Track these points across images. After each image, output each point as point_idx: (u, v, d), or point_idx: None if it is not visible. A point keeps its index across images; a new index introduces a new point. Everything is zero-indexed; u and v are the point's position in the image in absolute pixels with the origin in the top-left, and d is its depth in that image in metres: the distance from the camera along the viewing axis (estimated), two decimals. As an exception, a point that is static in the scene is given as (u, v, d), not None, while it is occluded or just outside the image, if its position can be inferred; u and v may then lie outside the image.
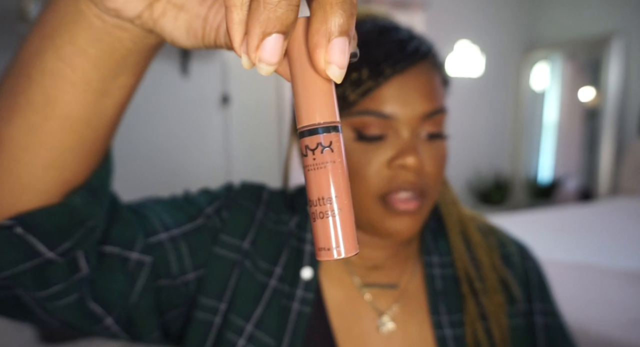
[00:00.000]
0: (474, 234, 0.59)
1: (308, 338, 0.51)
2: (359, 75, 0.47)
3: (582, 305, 1.44)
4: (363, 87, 0.47)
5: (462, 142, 3.77)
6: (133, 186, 2.71)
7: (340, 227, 0.20)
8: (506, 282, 0.58)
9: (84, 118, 0.32)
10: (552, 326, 0.58)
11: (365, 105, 0.47)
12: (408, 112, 0.47)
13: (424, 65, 0.49)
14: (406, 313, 0.55)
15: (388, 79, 0.47)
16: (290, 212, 0.57)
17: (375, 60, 0.47)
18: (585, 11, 3.56)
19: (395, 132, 0.48)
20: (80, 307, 0.39)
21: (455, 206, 0.61)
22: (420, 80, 0.48)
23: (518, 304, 0.57)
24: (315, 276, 0.53)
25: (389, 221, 0.48)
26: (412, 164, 0.46)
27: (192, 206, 0.52)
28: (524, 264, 0.61)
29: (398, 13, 3.23)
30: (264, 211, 0.56)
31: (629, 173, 3.12)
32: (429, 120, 0.48)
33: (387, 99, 0.47)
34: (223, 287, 0.51)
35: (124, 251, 0.42)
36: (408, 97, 0.47)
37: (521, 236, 0.73)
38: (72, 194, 0.34)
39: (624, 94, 3.33)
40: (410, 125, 0.47)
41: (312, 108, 0.20)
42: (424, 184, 0.48)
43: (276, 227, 0.56)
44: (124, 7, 0.26)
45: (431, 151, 0.49)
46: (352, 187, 0.49)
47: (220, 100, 2.91)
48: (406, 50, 0.48)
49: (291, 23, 0.19)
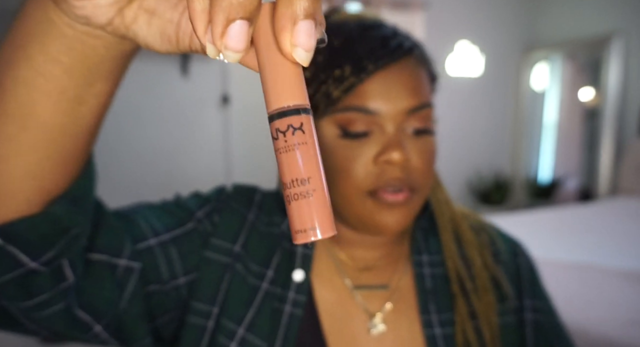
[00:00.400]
0: (466, 232, 0.59)
1: (299, 341, 0.51)
2: (342, 72, 0.47)
3: (582, 305, 1.44)
4: (346, 84, 0.47)
5: (462, 142, 3.77)
6: (133, 185, 2.72)
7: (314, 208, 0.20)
8: (497, 280, 0.58)
9: (61, 127, 0.31)
10: (543, 323, 0.58)
11: (349, 101, 0.47)
12: (392, 107, 0.47)
13: (408, 61, 0.49)
14: (397, 313, 0.55)
15: (371, 75, 0.47)
16: (282, 214, 0.57)
17: (358, 57, 0.47)
18: (585, 11, 3.56)
19: (380, 128, 0.48)
20: (67, 316, 0.39)
21: (447, 205, 0.61)
22: (404, 75, 0.48)
23: (509, 302, 0.57)
24: (306, 278, 0.53)
25: (378, 214, 0.48)
26: (398, 159, 0.46)
27: (183, 210, 0.52)
28: (516, 260, 0.61)
29: (398, 13, 3.23)
30: (255, 213, 0.56)
31: (629, 173, 3.12)
32: (415, 116, 0.48)
33: (370, 95, 0.47)
34: (215, 291, 0.51)
35: (111, 258, 0.42)
36: (392, 93, 0.47)
37: (521, 236, 0.73)
38: (54, 203, 0.34)
39: (624, 94, 3.33)
40: (395, 120, 0.48)
41: (281, 92, 0.20)
42: (411, 179, 0.48)
43: (268, 230, 0.56)
44: (94, 14, 0.25)
45: (418, 146, 0.49)
46: (340, 184, 0.49)
47: (220, 101, 2.91)
48: (389, 47, 0.48)
49: (254, 9, 0.19)
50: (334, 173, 0.50)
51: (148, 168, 2.77)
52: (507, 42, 3.87)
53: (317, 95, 0.49)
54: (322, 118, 0.50)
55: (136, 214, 0.49)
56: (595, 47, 3.49)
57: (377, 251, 0.57)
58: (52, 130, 0.31)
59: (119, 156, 2.69)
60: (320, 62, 0.50)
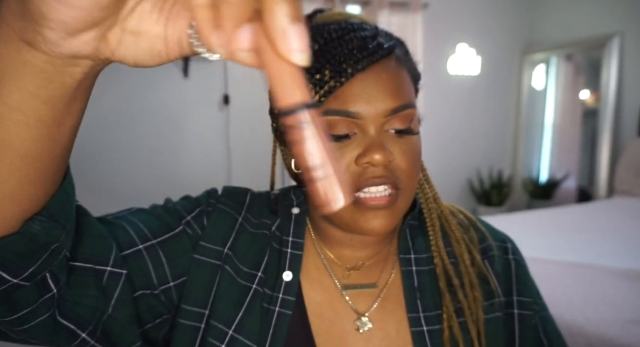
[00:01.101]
0: (455, 230, 0.59)
1: (288, 341, 0.51)
2: (321, 76, 0.47)
3: (580, 304, 1.45)
4: (326, 88, 0.47)
5: (462, 142, 3.78)
6: (134, 185, 2.72)
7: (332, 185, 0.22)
8: (485, 277, 0.58)
9: (40, 152, 0.30)
10: (532, 318, 0.58)
11: (330, 105, 0.48)
12: (373, 109, 0.47)
13: (388, 62, 0.49)
14: (385, 312, 0.55)
15: (350, 78, 0.47)
16: (272, 216, 0.58)
17: (337, 60, 0.47)
18: (583, 14, 3.57)
19: (361, 130, 0.48)
20: (52, 325, 0.39)
21: (435, 202, 0.61)
22: (384, 77, 0.48)
23: (497, 298, 0.58)
24: (295, 279, 0.53)
25: (361, 218, 0.49)
26: (379, 161, 0.46)
27: (171, 215, 0.53)
28: (506, 257, 0.61)
29: (397, 15, 3.24)
30: (245, 215, 0.57)
31: (627, 173, 3.13)
32: (396, 117, 0.48)
33: (350, 97, 0.47)
34: (205, 294, 0.51)
35: (95, 266, 0.42)
36: (372, 95, 0.47)
37: (520, 236, 0.74)
38: (31, 221, 0.33)
39: (621, 95, 3.34)
40: (375, 122, 0.48)
41: (288, 90, 0.22)
42: (395, 178, 0.49)
43: (258, 231, 0.56)
44: (80, 48, 0.24)
45: (401, 147, 0.49)
46: None
47: (220, 102, 2.92)
48: (368, 48, 0.48)
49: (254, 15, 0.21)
50: None
51: (149, 167, 2.78)
52: (506, 43, 3.88)
53: None
54: None
55: (123, 220, 0.49)
56: (593, 49, 3.51)
57: (366, 250, 0.57)
58: (31, 155, 0.30)
59: (120, 156, 2.70)
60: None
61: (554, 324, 0.60)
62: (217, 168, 2.96)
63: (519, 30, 3.93)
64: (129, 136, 2.70)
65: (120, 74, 2.62)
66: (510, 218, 2.62)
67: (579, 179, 3.94)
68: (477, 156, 3.91)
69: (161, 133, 2.79)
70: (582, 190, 3.90)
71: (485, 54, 3.75)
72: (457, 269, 0.57)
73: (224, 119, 2.94)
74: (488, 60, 3.78)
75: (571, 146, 3.94)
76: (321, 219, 0.57)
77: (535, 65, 3.96)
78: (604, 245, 2.05)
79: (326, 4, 3.05)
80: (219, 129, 2.94)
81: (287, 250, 0.55)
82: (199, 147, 2.90)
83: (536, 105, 4.03)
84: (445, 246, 0.59)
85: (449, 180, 3.78)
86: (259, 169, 3.03)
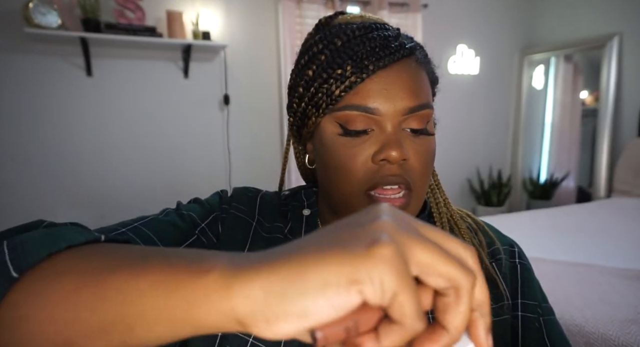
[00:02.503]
0: (465, 234, 0.60)
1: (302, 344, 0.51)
2: (343, 72, 0.48)
3: (579, 304, 1.46)
4: (347, 83, 0.48)
5: (462, 142, 3.79)
6: (134, 185, 2.73)
7: None
8: (493, 280, 0.58)
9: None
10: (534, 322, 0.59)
11: (349, 100, 0.48)
12: (391, 107, 0.48)
13: (409, 61, 0.50)
14: None
15: (371, 75, 0.48)
16: (283, 219, 0.58)
17: (360, 57, 0.48)
18: (582, 14, 3.58)
19: (379, 127, 0.49)
20: None
21: (446, 206, 0.61)
22: (404, 76, 0.49)
23: (504, 302, 0.58)
24: None
25: None
26: (395, 157, 0.47)
27: (186, 222, 0.52)
28: (512, 261, 0.62)
29: (397, 15, 3.25)
30: (258, 219, 0.57)
31: (626, 173, 3.13)
32: (414, 116, 0.49)
33: (370, 94, 0.48)
34: None
35: None
36: (391, 92, 0.48)
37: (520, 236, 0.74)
38: None
39: (620, 95, 3.35)
40: (393, 120, 0.48)
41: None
42: (409, 178, 0.49)
43: (271, 236, 0.56)
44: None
45: (416, 147, 0.50)
46: (340, 181, 0.50)
47: (221, 102, 2.92)
48: (390, 47, 0.49)
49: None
50: (334, 171, 0.51)
51: (150, 167, 2.79)
52: (506, 43, 3.89)
53: (319, 93, 0.50)
54: (324, 116, 0.51)
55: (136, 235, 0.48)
56: (593, 49, 3.51)
57: None
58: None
59: (120, 156, 2.70)
60: (323, 62, 0.50)
61: (560, 329, 0.60)
62: (217, 168, 2.97)
63: (518, 30, 3.93)
64: (129, 136, 2.71)
65: (120, 74, 2.63)
66: (510, 218, 2.63)
67: (578, 179, 3.94)
68: (477, 156, 3.92)
69: (161, 133, 2.79)
70: (581, 190, 3.91)
71: (485, 54, 3.76)
72: None
73: (224, 119, 2.94)
74: (488, 60, 3.79)
75: (571, 146, 3.94)
76: (332, 217, 0.57)
77: (534, 66, 3.97)
78: (603, 245, 2.05)
79: (326, 5, 3.05)
80: (219, 129, 2.94)
81: None
82: (199, 147, 2.91)
83: (536, 106, 4.04)
84: None
85: (449, 180, 3.78)
86: (258, 169, 3.05)
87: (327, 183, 0.54)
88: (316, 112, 0.51)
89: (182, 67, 2.78)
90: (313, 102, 0.51)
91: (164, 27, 2.65)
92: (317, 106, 0.51)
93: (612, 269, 1.71)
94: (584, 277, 1.64)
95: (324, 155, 0.53)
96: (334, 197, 0.53)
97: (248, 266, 0.24)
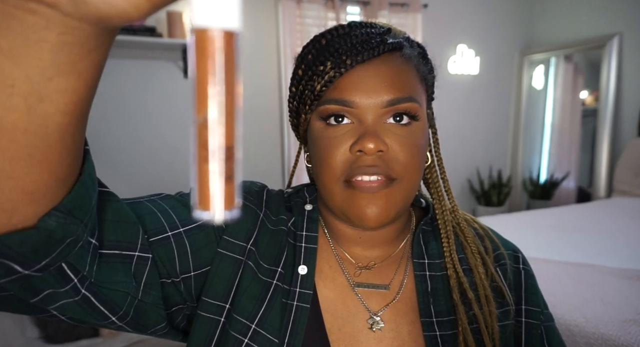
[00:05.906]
0: (472, 243, 0.60)
1: (305, 336, 0.52)
2: (324, 67, 0.50)
3: (579, 303, 1.46)
4: (326, 78, 0.50)
5: (462, 142, 3.79)
6: (134, 185, 2.73)
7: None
8: (499, 288, 0.59)
9: (22, 126, 0.27)
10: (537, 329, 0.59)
11: (330, 94, 0.50)
12: (370, 99, 0.49)
13: (392, 57, 0.51)
14: (397, 313, 0.56)
15: (349, 69, 0.49)
16: (288, 213, 0.59)
17: (339, 53, 0.50)
18: (582, 14, 3.58)
19: (358, 120, 0.50)
20: (83, 307, 0.40)
21: (454, 213, 0.62)
22: (383, 69, 0.50)
23: (509, 308, 0.58)
24: (310, 272, 0.54)
25: (357, 204, 0.50)
26: (370, 149, 0.48)
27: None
28: (516, 266, 0.62)
29: (397, 15, 3.25)
30: (265, 211, 0.58)
31: (626, 173, 3.13)
32: (394, 109, 0.50)
33: (347, 87, 0.49)
34: (227, 288, 0.52)
35: (123, 252, 0.43)
36: (369, 86, 0.49)
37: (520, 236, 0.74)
38: (47, 216, 0.32)
39: (621, 95, 3.35)
40: (373, 112, 0.49)
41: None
42: (389, 169, 0.50)
43: (277, 228, 0.57)
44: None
45: (399, 139, 0.50)
46: (322, 173, 0.52)
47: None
48: (370, 43, 0.50)
49: None
50: (318, 163, 0.53)
51: (150, 167, 2.79)
52: (506, 43, 3.89)
53: (306, 90, 0.52)
54: (311, 113, 0.53)
55: (154, 205, 0.50)
56: (593, 49, 3.51)
57: (375, 250, 0.58)
58: (12, 129, 0.27)
59: (120, 155, 2.70)
60: (309, 60, 0.52)
61: (559, 336, 0.61)
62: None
63: (518, 30, 3.93)
64: (129, 135, 2.71)
65: (120, 73, 2.63)
66: (510, 218, 2.63)
67: (578, 179, 3.94)
68: (477, 156, 3.92)
69: (161, 133, 2.79)
70: (581, 190, 3.91)
71: (485, 54, 3.76)
72: (472, 280, 0.58)
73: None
74: (488, 60, 3.79)
75: (571, 146, 3.94)
76: (329, 213, 0.58)
77: (534, 66, 3.97)
78: (603, 245, 2.05)
79: (326, 5, 3.05)
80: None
81: (302, 244, 0.56)
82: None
83: (536, 106, 4.04)
84: (458, 253, 0.59)
85: (449, 180, 3.78)
86: (258, 169, 3.05)
87: (315, 176, 0.55)
88: (304, 108, 0.54)
89: (182, 67, 2.78)
90: (301, 99, 0.53)
91: (164, 27, 2.65)
92: (304, 103, 0.53)
93: (612, 269, 1.71)
94: (584, 277, 1.64)
95: (312, 150, 0.55)
96: (319, 188, 0.55)
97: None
